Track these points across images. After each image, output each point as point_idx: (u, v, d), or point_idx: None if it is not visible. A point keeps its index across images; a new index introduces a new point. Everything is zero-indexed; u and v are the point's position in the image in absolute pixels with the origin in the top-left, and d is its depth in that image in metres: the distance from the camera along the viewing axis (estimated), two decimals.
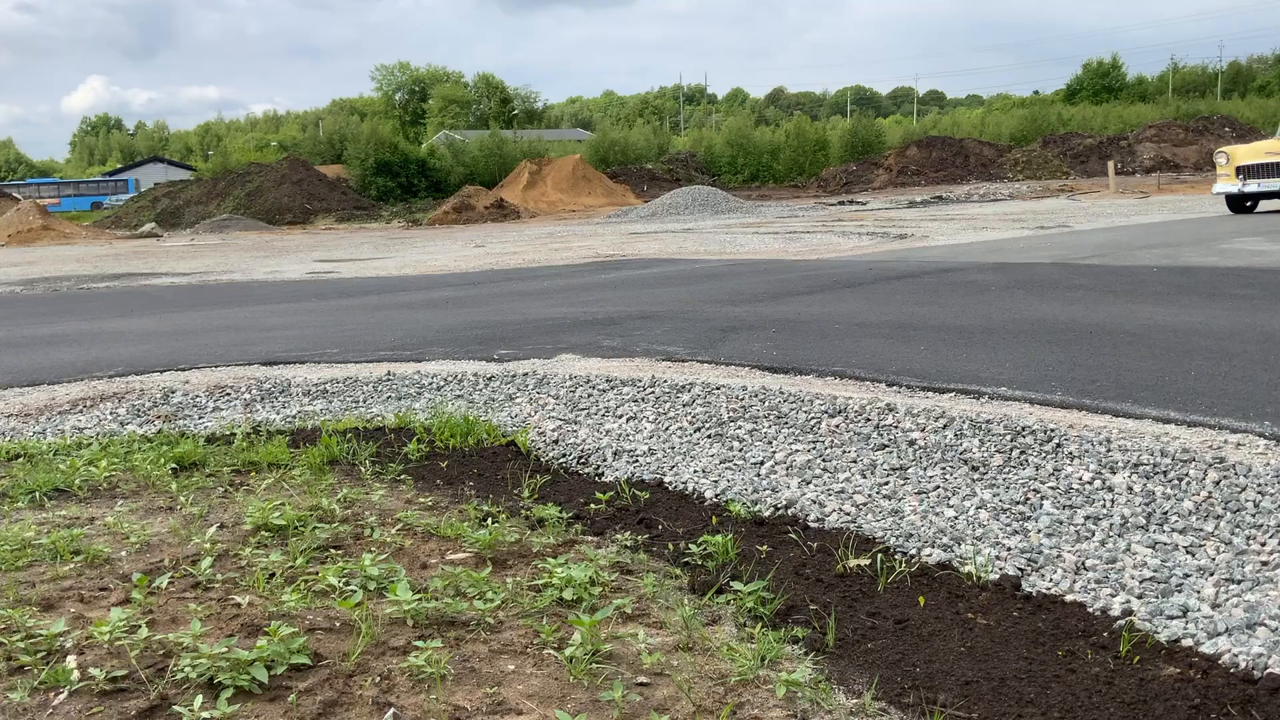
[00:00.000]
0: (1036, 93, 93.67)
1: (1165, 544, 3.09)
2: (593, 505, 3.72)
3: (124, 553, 3.13)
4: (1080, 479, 3.52)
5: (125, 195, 61.99)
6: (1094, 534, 3.19)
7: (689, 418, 4.75)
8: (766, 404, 4.70)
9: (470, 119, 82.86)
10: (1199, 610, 2.71)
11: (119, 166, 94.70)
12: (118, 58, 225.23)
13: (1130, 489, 3.41)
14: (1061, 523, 3.28)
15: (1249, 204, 16.90)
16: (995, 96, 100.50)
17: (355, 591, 2.69)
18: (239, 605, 2.66)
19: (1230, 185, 16.43)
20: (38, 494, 3.83)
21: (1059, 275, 9.30)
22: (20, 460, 4.45)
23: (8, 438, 5.01)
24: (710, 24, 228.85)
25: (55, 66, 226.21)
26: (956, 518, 3.40)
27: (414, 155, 48.62)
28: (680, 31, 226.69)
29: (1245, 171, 16.09)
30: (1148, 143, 43.60)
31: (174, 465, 4.22)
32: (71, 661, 2.33)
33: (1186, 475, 3.42)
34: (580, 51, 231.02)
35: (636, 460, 4.36)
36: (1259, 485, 3.28)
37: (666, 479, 4.10)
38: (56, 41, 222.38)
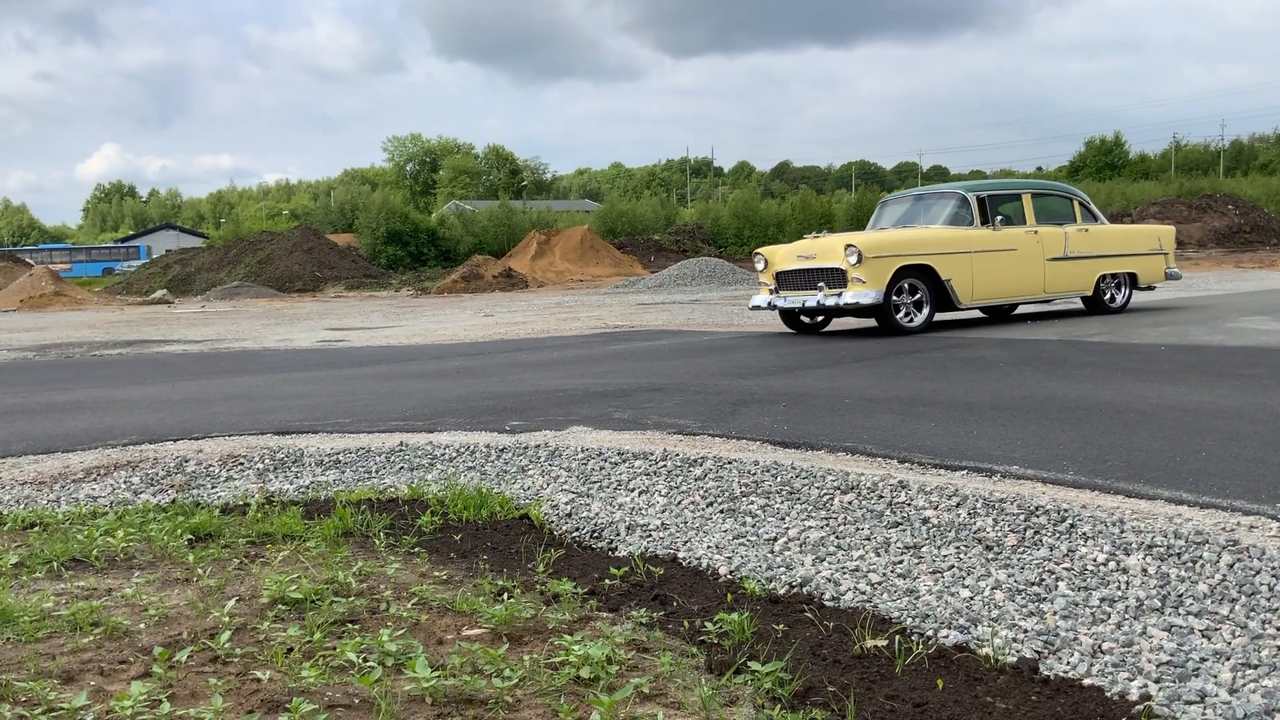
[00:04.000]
0: (1040, 169, 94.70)
1: (1181, 627, 3.09)
2: (607, 581, 3.73)
3: (143, 625, 3.14)
4: (1095, 560, 3.53)
5: (137, 261, 62.58)
6: (1110, 616, 3.20)
7: (701, 492, 4.77)
8: (779, 479, 4.72)
9: (480, 189, 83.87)
10: (1217, 695, 2.71)
11: (131, 233, 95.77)
12: (132, 125, 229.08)
13: (1145, 571, 3.42)
14: (1077, 604, 3.28)
15: (807, 319, 12.73)
16: (999, 172, 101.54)
17: (374, 668, 2.70)
18: (259, 680, 2.67)
19: (765, 298, 12.55)
20: (55, 564, 3.85)
21: (1067, 352, 9.35)
22: (36, 529, 4.48)
23: (23, 506, 5.04)
24: (716, 99, 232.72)
25: (71, 134, 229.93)
26: (972, 598, 3.41)
27: (424, 225, 49.14)
28: (687, 106, 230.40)
29: (782, 280, 12.27)
30: (1151, 219, 43.95)
31: (190, 536, 4.24)
32: None
33: (1200, 558, 3.43)
34: (588, 124, 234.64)
35: (650, 535, 4.37)
36: (1273, 569, 3.28)
37: (680, 554, 4.11)
38: (72, 110, 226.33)
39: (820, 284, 11.59)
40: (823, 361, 9.36)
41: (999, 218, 12.03)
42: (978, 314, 13.80)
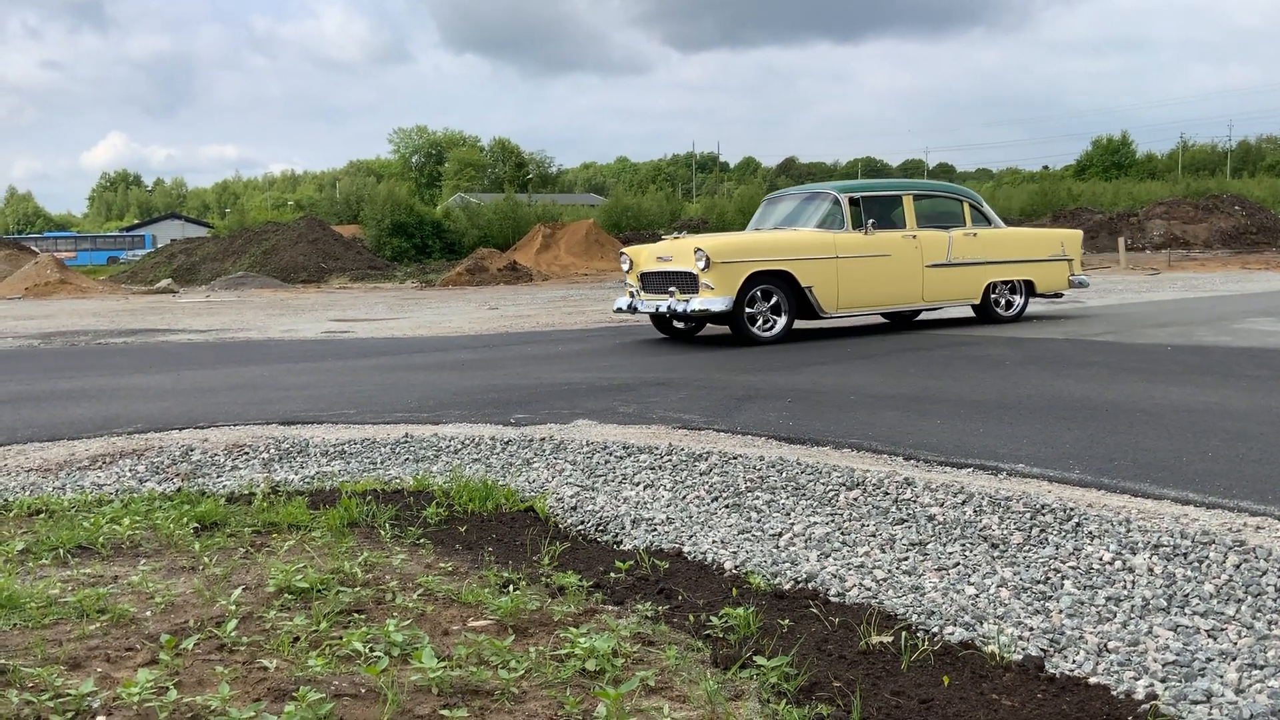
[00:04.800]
0: (1046, 168, 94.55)
1: (1187, 627, 3.08)
2: (612, 574, 3.73)
3: (149, 612, 3.15)
4: (1101, 559, 3.53)
5: (142, 250, 62.64)
6: (1116, 615, 3.19)
7: (706, 487, 4.77)
8: (784, 475, 4.72)
9: (485, 182, 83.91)
10: (1223, 695, 2.70)
11: (136, 222, 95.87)
12: (138, 114, 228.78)
13: (1151, 570, 3.42)
14: (1083, 603, 3.28)
15: (680, 324, 11.81)
16: (1005, 171, 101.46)
17: (381, 658, 2.71)
18: (265, 669, 2.68)
19: (626, 300, 11.78)
20: (61, 551, 3.85)
21: (1073, 351, 9.34)
22: (42, 516, 4.48)
23: (29, 492, 5.05)
24: (723, 94, 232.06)
25: (77, 122, 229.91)
26: (978, 596, 3.41)
27: (429, 217, 49.13)
28: (694, 101, 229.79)
29: (645, 282, 11.48)
30: (1158, 219, 43.86)
31: (195, 525, 4.25)
32: None
33: (1207, 558, 3.43)
34: (595, 118, 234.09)
35: (655, 529, 4.37)
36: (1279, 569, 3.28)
37: (685, 549, 4.11)
38: (79, 98, 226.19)
39: (672, 288, 10.89)
40: (828, 358, 9.36)
41: (871, 221, 11.16)
42: (868, 319, 13.05)
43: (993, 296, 12.30)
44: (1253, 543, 3.44)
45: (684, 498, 4.70)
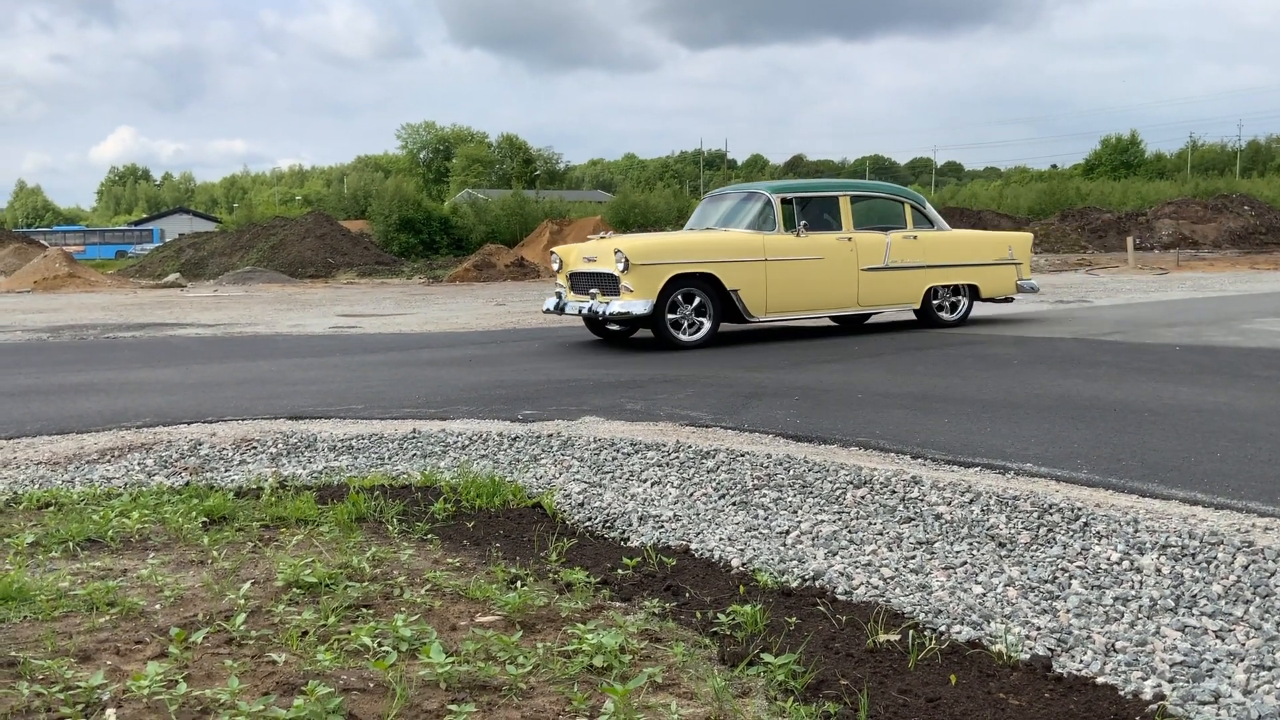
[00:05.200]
0: (1054, 167, 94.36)
1: (1195, 628, 3.08)
2: (620, 570, 3.73)
3: (158, 606, 3.16)
4: (1109, 559, 3.52)
5: (150, 245, 62.75)
6: (1123, 615, 3.19)
7: (714, 484, 4.77)
8: (791, 473, 4.72)
9: (493, 178, 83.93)
10: (1231, 696, 2.70)
11: (144, 216, 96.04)
12: (147, 109, 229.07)
13: (1159, 570, 3.41)
14: (1090, 603, 3.28)
15: (613, 326, 11.26)
16: (1013, 169, 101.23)
17: (389, 652, 2.72)
18: (274, 663, 2.69)
19: (554, 300, 11.35)
20: (71, 544, 3.87)
21: (1081, 351, 9.33)
22: (51, 509, 4.50)
23: (38, 486, 5.07)
24: (731, 91, 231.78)
25: (86, 116, 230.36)
26: (985, 595, 3.41)
27: (437, 213, 49.14)
28: (702, 98, 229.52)
29: (574, 282, 11.04)
30: (1166, 219, 43.75)
31: (204, 519, 4.26)
32: (111, 715, 2.35)
33: (1215, 558, 3.42)
34: (603, 115, 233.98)
35: (662, 526, 4.38)
36: None
37: (693, 546, 4.11)
38: (88, 92, 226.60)
39: (593, 289, 10.56)
40: (836, 356, 9.35)
41: (804, 223, 10.75)
42: (816, 321, 12.45)
43: (935, 301, 11.79)
44: (1261, 543, 3.43)
45: (691, 495, 4.70)
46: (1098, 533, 3.69)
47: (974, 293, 12.11)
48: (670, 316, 10.20)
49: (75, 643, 2.83)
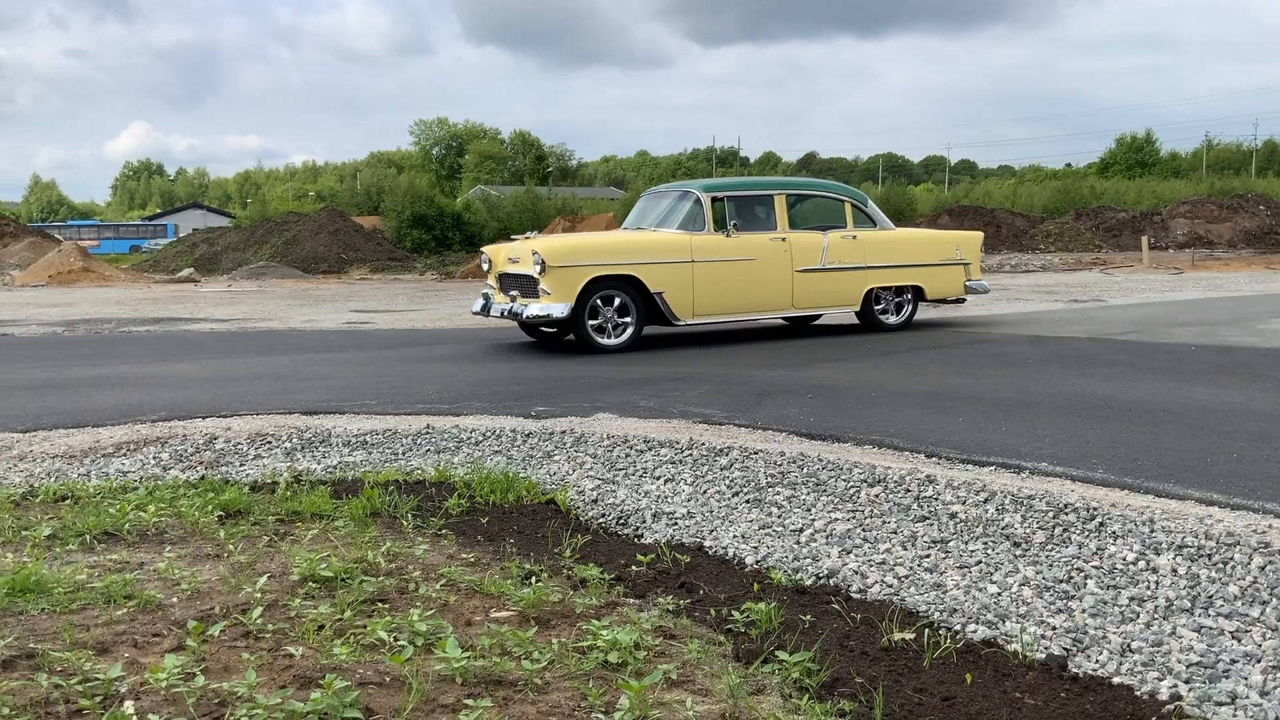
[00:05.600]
0: (1069, 165, 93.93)
1: (1211, 628, 3.07)
2: (633, 567, 3.74)
3: (175, 599, 3.18)
4: (1124, 559, 3.51)
5: (164, 240, 62.95)
6: (1139, 615, 3.18)
7: (727, 482, 4.77)
8: (805, 471, 4.71)
9: (505, 175, 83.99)
10: (1247, 697, 2.69)
11: (158, 211, 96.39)
12: (161, 104, 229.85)
13: (1175, 571, 3.40)
14: (1106, 603, 3.27)
15: (547, 328, 10.84)
16: (1027, 168, 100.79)
17: (405, 647, 2.73)
18: (291, 656, 2.70)
19: (480, 302, 11.05)
20: (88, 537, 3.89)
21: (1096, 350, 9.29)
22: (68, 502, 4.53)
23: (54, 479, 5.09)
24: (745, 88, 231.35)
25: (100, 111, 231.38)
26: (1000, 594, 3.40)
27: (449, 209, 49.16)
28: (715, 95, 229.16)
29: (502, 283, 10.64)
30: (1181, 219, 43.54)
31: (220, 513, 4.28)
32: (129, 707, 2.37)
33: (1231, 559, 3.41)
34: (616, 111, 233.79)
35: (676, 523, 4.38)
36: None
37: (706, 543, 4.11)
38: (103, 87, 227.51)
39: (514, 291, 10.27)
40: (848, 354, 9.34)
41: (735, 222, 10.34)
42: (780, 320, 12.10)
43: (878, 303, 11.37)
44: (1278, 544, 3.42)
45: (705, 492, 4.70)
46: (1113, 533, 3.68)
47: (919, 294, 11.64)
48: (593, 321, 9.88)
49: (93, 635, 2.84)
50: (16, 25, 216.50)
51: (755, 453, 5.01)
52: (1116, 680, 2.81)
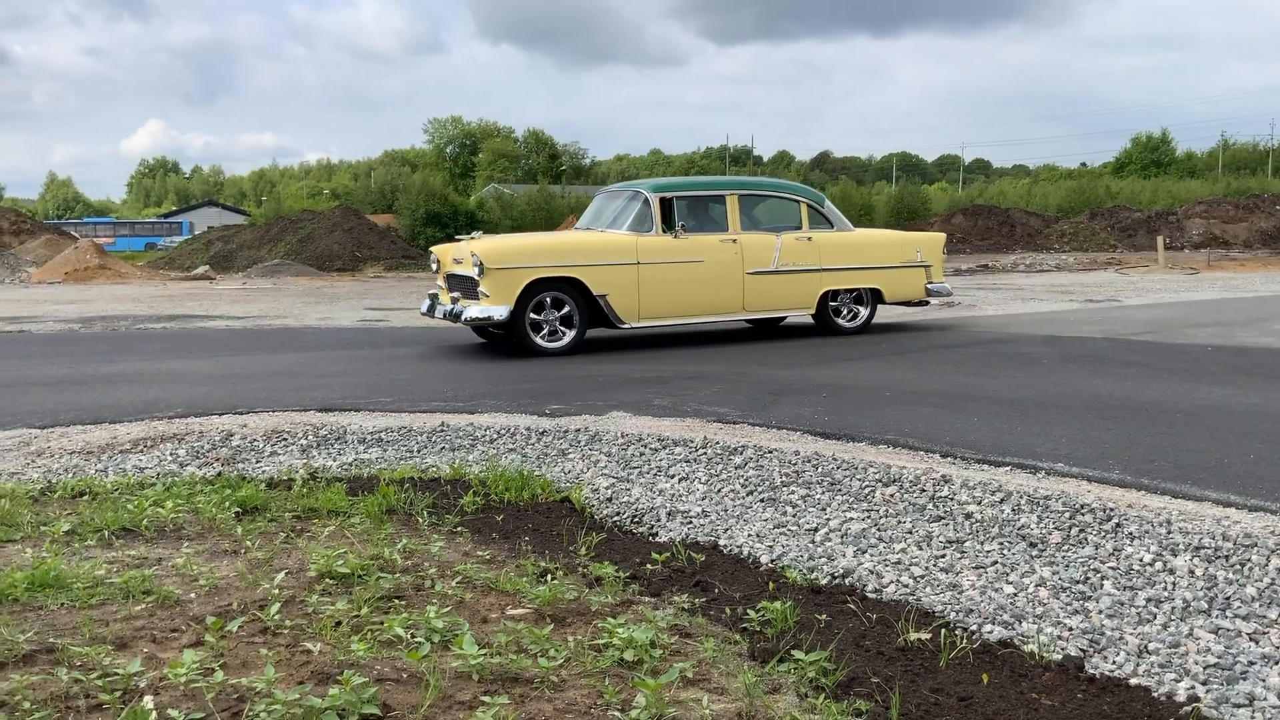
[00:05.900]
0: (1084, 165, 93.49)
1: (1229, 630, 3.06)
2: (649, 565, 3.74)
3: (193, 594, 3.20)
4: (1141, 560, 3.50)
5: (179, 237, 63.18)
6: (1156, 616, 3.17)
7: (741, 480, 4.77)
8: (819, 470, 4.71)
9: (519, 173, 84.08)
10: (1265, 699, 2.68)
11: (174, 209, 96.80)
12: (177, 102, 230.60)
13: (1192, 572, 3.39)
14: (1123, 604, 3.26)
15: (494, 330, 10.32)
16: (1042, 167, 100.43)
17: (422, 643, 2.74)
18: (309, 652, 2.71)
19: (428, 303, 10.83)
20: (106, 532, 3.92)
21: (1111, 350, 9.26)
22: (85, 498, 4.56)
23: (72, 475, 5.13)
24: (759, 87, 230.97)
25: (116, 109, 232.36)
26: (1016, 594, 3.39)
27: (463, 207, 49.24)
28: (729, 93, 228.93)
29: (450, 284, 10.35)
30: (1197, 218, 43.31)
31: (237, 509, 4.30)
32: (149, 702, 2.38)
33: (1249, 560, 3.39)
34: (629, 110, 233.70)
35: (690, 521, 4.38)
36: None
37: (721, 542, 4.12)
38: (119, 85, 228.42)
39: (456, 293, 10.08)
40: (863, 354, 9.32)
41: (683, 224, 10.10)
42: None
43: (832, 305, 11.01)
44: None
45: (719, 491, 4.70)
46: (1130, 534, 3.67)
47: (877, 297, 11.30)
48: (534, 319, 9.62)
49: (112, 630, 2.86)
50: (34, 24, 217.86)
51: (769, 452, 5.01)
52: (1134, 681, 2.80)
